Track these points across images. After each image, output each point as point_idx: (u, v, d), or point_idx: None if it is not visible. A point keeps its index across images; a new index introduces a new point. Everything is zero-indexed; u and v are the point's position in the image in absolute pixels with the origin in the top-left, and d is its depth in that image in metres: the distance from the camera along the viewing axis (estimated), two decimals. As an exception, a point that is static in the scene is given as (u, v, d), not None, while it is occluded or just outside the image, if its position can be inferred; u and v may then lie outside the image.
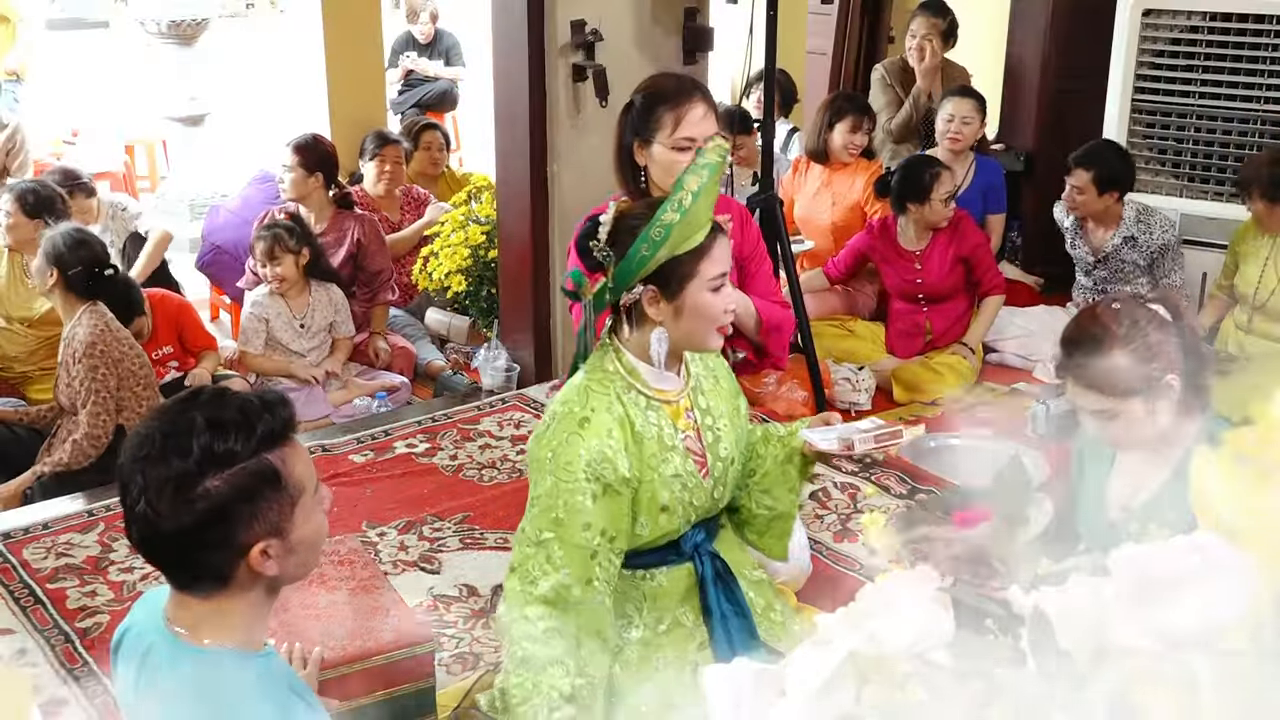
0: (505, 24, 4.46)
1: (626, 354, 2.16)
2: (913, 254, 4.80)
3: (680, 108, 2.80)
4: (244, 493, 1.50)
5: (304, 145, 5.03)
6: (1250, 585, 0.92)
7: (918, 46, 5.67)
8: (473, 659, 3.10)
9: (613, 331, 2.20)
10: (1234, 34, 4.79)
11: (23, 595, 3.37)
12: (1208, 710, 0.88)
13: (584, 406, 2.09)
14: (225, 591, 1.56)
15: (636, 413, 2.11)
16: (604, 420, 2.08)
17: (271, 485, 1.52)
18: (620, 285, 2.10)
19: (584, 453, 2.05)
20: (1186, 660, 0.89)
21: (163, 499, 1.47)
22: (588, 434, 2.06)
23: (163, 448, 1.49)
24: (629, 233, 2.09)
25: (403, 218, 5.62)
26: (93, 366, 3.91)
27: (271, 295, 4.74)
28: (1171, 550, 0.94)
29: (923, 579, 1.09)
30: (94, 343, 3.91)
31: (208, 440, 1.49)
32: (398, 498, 3.92)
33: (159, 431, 1.51)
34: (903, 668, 1.00)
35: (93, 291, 3.97)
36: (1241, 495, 0.98)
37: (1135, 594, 0.93)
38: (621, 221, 2.12)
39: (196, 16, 7.06)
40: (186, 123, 7.21)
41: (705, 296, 2.12)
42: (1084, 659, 0.94)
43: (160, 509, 1.48)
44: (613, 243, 2.11)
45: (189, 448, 1.48)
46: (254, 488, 1.51)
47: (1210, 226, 4.88)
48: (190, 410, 1.52)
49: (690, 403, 2.22)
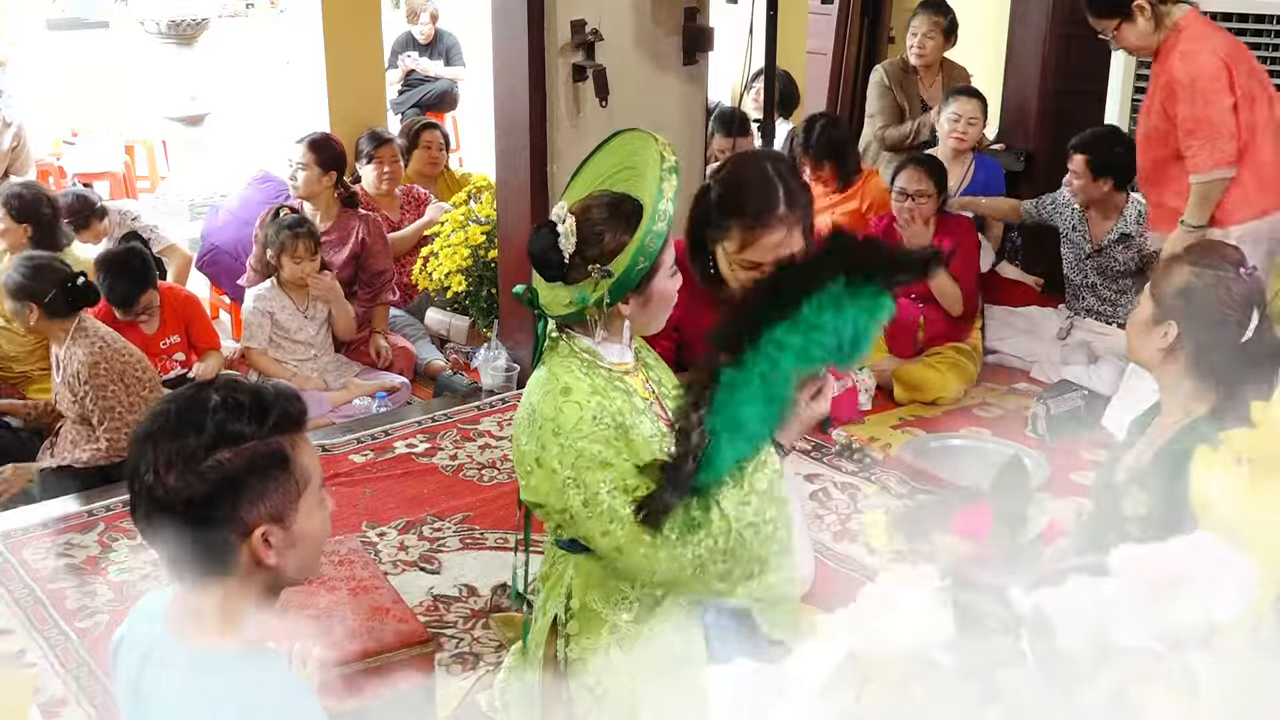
0: (505, 24, 4.46)
1: (578, 338, 2.15)
2: (911, 254, 4.81)
3: (753, 230, 2.50)
4: (252, 469, 1.51)
5: (319, 143, 5.02)
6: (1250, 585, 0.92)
7: (919, 44, 5.67)
8: (473, 659, 3.10)
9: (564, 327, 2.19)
10: (1234, 34, 4.79)
11: (23, 595, 3.37)
12: (1208, 710, 0.88)
13: (559, 381, 2.09)
14: (226, 584, 1.56)
15: (602, 382, 2.11)
16: (582, 386, 2.08)
17: (279, 467, 1.53)
18: (615, 299, 2.09)
19: (583, 409, 2.05)
20: (1186, 660, 0.90)
21: (172, 471, 1.48)
22: (576, 397, 2.06)
23: (177, 423, 1.51)
24: (615, 246, 2.07)
25: (402, 217, 5.62)
26: (100, 386, 3.91)
27: (276, 288, 4.74)
28: (1171, 550, 0.94)
29: (923, 579, 1.09)
30: (96, 363, 3.91)
31: (223, 418, 1.50)
32: (398, 498, 3.93)
33: (174, 409, 1.52)
34: (903, 668, 1.00)
35: (74, 306, 3.97)
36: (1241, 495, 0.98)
37: (1135, 594, 0.93)
38: (590, 229, 2.09)
39: (196, 16, 7.07)
40: (186, 123, 7.22)
41: (667, 283, 2.16)
42: (1084, 659, 0.95)
43: (169, 480, 1.48)
44: (593, 256, 2.09)
45: (203, 423, 1.50)
46: (263, 467, 1.52)
47: (1210, 226, 4.88)
48: (205, 391, 1.54)
49: (645, 375, 2.23)
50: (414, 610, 3.01)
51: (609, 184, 2.18)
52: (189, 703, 1.54)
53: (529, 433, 2.10)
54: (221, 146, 7.49)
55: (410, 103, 8.33)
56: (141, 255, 4.53)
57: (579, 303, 2.08)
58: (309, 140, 5.02)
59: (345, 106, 6.47)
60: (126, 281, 4.37)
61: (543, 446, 2.07)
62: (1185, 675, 0.89)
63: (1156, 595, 0.92)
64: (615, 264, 2.07)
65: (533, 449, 2.09)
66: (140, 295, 4.40)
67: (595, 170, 2.26)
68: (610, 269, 2.07)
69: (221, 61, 8.13)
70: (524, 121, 4.46)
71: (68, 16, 10.37)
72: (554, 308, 2.14)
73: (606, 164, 2.25)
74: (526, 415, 2.12)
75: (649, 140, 2.18)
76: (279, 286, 4.74)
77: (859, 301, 2.06)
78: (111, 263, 4.40)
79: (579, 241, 2.08)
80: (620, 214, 2.10)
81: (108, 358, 3.94)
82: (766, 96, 4.81)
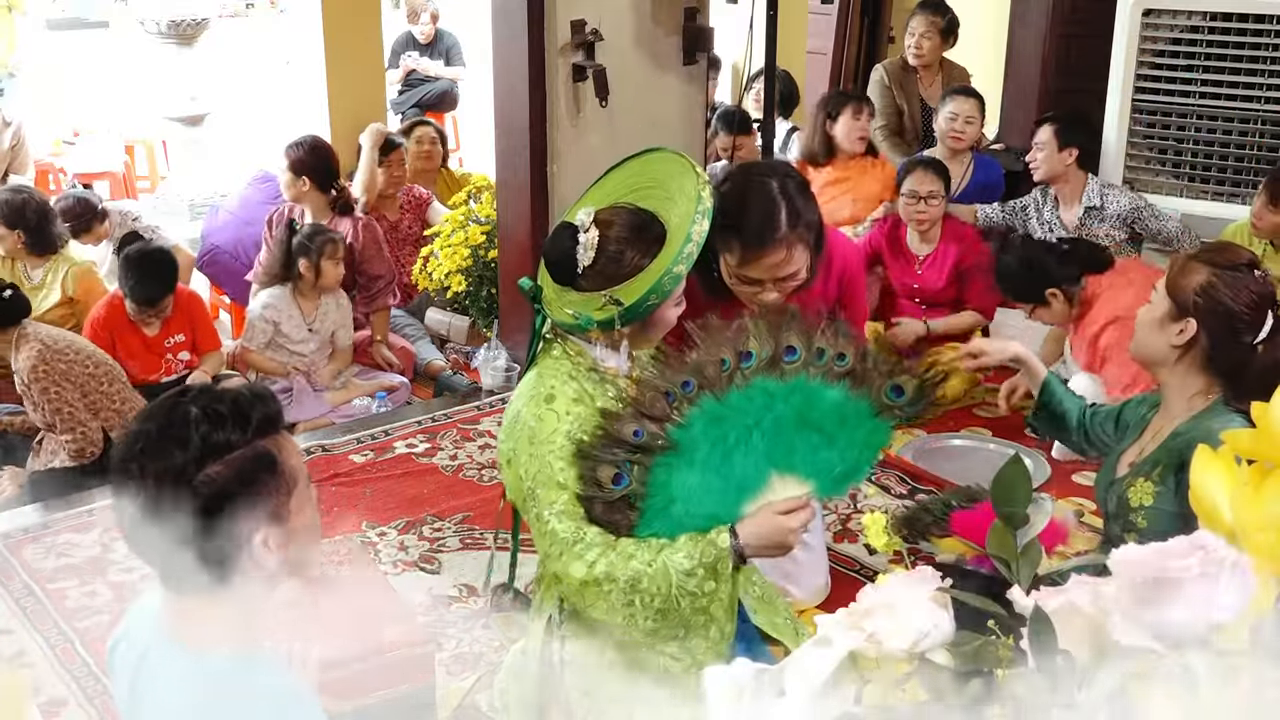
0: (505, 24, 4.46)
1: (572, 340, 2.15)
2: (915, 257, 4.81)
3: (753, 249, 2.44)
4: (244, 478, 1.50)
5: (291, 148, 5.06)
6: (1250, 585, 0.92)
7: (916, 44, 5.68)
8: (473, 659, 3.10)
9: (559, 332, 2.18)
10: (1234, 34, 4.79)
11: (23, 595, 3.37)
12: (1208, 710, 0.88)
13: (545, 387, 2.09)
14: (223, 589, 1.55)
15: (593, 387, 2.11)
16: (566, 393, 2.08)
17: (269, 471, 1.53)
18: (624, 325, 2.09)
19: (560, 422, 2.05)
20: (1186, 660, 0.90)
21: (163, 490, 1.48)
22: (557, 406, 2.06)
23: (160, 441, 1.49)
24: (631, 269, 2.06)
25: (401, 217, 5.61)
26: (44, 389, 3.91)
27: (289, 296, 4.73)
28: (1171, 550, 0.94)
29: (923, 579, 1.09)
30: (35, 367, 3.91)
31: (206, 430, 1.49)
32: (398, 498, 3.93)
33: (154, 428, 1.51)
34: (903, 668, 1.00)
35: (10, 319, 3.96)
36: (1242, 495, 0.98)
37: (1135, 594, 0.93)
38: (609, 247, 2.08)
39: (196, 16, 7.07)
40: (186, 123, 7.22)
41: (670, 311, 2.15)
42: (1084, 659, 0.94)
43: (161, 500, 1.48)
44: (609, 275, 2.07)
45: (187, 438, 1.48)
46: (253, 474, 1.51)
47: (1210, 226, 4.87)
48: (183, 404, 1.52)
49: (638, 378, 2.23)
50: (414, 610, 3.01)
51: (636, 196, 2.16)
52: (187, 706, 1.54)
53: (509, 433, 2.12)
54: (221, 146, 7.48)
55: (410, 103, 8.33)
56: (170, 257, 4.54)
57: (584, 322, 2.08)
58: (287, 145, 5.05)
59: (345, 106, 6.47)
60: (155, 281, 4.38)
61: (515, 450, 2.09)
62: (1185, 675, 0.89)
63: (1157, 595, 0.92)
64: (627, 292, 2.05)
65: (508, 449, 2.11)
66: (165, 296, 4.42)
67: (627, 178, 2.24)
68: (621, 299, 2.05)
69: (221, 61, 8.13)
70: (524, 121, 4.46)
71: (68, 16, 10.37)
72: (557, 310, 2.13)
73: (643, 174, 2.23)
74: (511, 415, 2.14)
75: (689, 171, 2.15)
76: (292, 296, 4.74)
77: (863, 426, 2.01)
78: (142, 261, 4.40)
79: (596, 255, 2.07)
80: (644, 236, 2.09)
81: (47, 360, 3.93)
82: (767, 97, 4.81)
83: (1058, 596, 0.99)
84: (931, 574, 1.10)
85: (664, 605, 1.99)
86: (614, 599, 1.99)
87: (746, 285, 2.49)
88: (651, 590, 1.97)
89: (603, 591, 1.99)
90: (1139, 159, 5.06)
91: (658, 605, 1.99)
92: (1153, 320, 2.42)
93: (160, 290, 4.39)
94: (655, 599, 1.98)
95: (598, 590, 1.99)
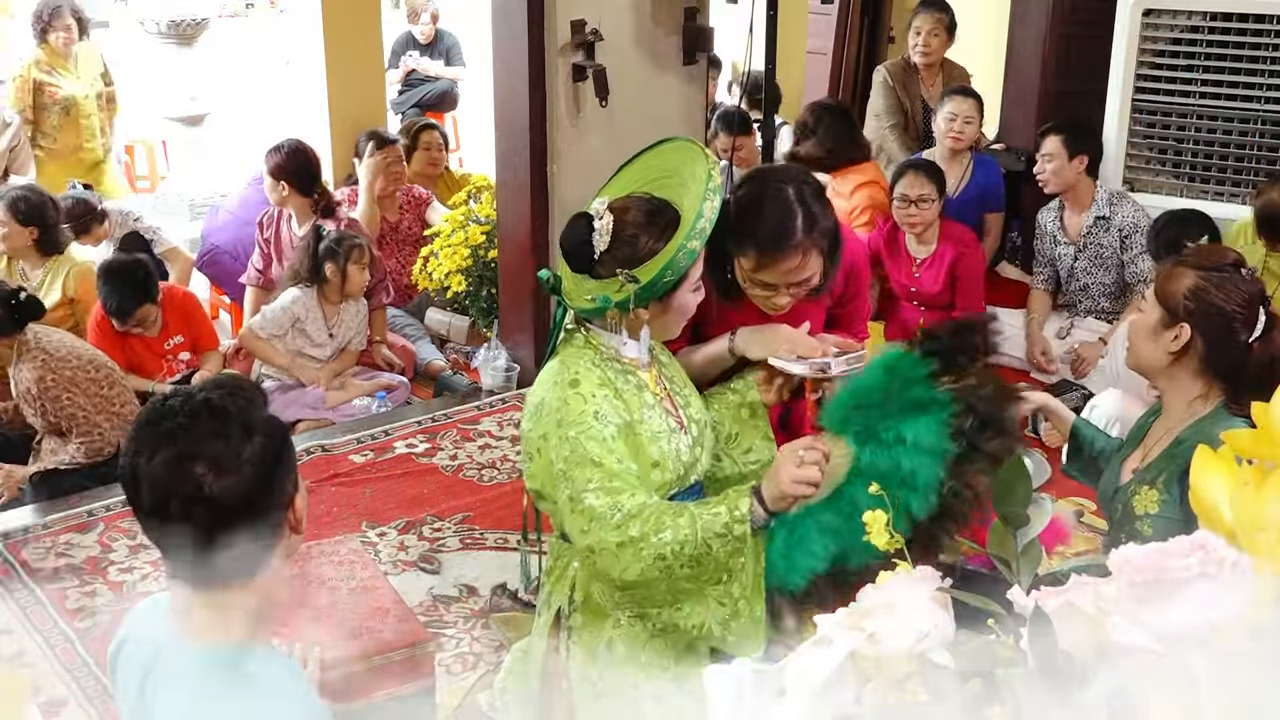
0: (505, 24, 4.46)
1: (595, 331, 2.17)
2: (912, 259, 4.81)
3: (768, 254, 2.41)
4: (277, 446, 1.57)
5: (271, 153, 5.08)
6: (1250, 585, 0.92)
7: (924, 43, 5.67)
8: (473, 659, 3.10)
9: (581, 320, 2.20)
10: (1234, 34, 4.79)
11: (23, 595, 3.37)
12: (1208, 710, 0.88)
13: (569, 372, 2.11)
14: (243, 580, 1.56)
15: (614, 375, 2.13)
16: (591, 378, 2.10)
17: (286, 441, 1.61)
18: (638, 304, 2.11)
19: (587, 404, 2.07)
20: (1186, 660, 0.89)
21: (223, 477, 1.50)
22: (583, 389, 2.08)
23: (196, 432, 1.51)
24: (647, 252, 2.09)
25: (401, 217, 5.61)
26: (55, 398, 3.92)
27: (316, 299, 4.71)
28: (1171, 550, 0.94)
29: (923, 579, 1.08)
30: (42, 378, 3.92)
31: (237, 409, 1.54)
32: (398, 498, 3.93)
33: (182, 422, 1.52)
34: (903, 668, 1.00)
35: (18, 323, 3.96)
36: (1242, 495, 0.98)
37: (1135, 594, 0.93)
38: (625, 231, 2.11)
39: (196, 16, 7.07)
40: (186, 123, 7.22)
41: (689, 297, 2.19)
42: (1084, 659, 0.94)
43: (217, 487, 1.49)
44: (624, 258, 2.10)
45: (226, 422, 1.52)
46: (281, 439, 1.59)
47: (1210, 226, 4.88)
48: (193, 397, 1.55)
49: (658, 371, 2.25)
50: (414, 610, 3.01)
51: (652, 187, 2.20)
52: (205, 701, 1.54)
53: (535, 420, 2.13)
54: (221, 146, 7.48)
55: (410, 103, 8.33)
56: (145, 268, 4.52)
57: (602, 303, 2.10)
58: (266, 151, 5.08)
59: (345, 106, 6.47)
60: (125, 293, 4.36)
61: (544, 436, 2.10)
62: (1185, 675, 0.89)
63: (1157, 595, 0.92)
64: (643, 271, 2.09)
65: (536, 436, 2.12)
66: (136, 309, 4.40)
67: (642, 170, 2.28)
68: (637, 276, 2.08)
69: (221, 61, 8.13)
70: (524, 121, 4.46)
71: (67, 17, 10.35)
72: (576, 298, 2.16)
73: (656, 166, 2.26)
74: (536, 403, 2.15)
75: (699, 155, 2.20)
76: (319, 299, 4.73)
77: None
78: (114, 273, 4.40)
79: (612, 240, 2.10)
80: (657, 221, 2.12)
81: (53, 369, 3.94)
82: (766, 97, 4.80)
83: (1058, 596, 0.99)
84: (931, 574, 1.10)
85: (695, 551, 2.01)
86: (646, 555, 2.01)
87: (761, 289, 2.50)
88: (680, 538, 2.00)
89: (638, 551, 2.01)
90: (1139, 159, 5.06)
91: (689, 552, 2.01)
92: (1146, 329, 2.42)
93: (133, 303, 4.38)
94: (686, 545, 2.01)
95: (634, 551, 2.01)
